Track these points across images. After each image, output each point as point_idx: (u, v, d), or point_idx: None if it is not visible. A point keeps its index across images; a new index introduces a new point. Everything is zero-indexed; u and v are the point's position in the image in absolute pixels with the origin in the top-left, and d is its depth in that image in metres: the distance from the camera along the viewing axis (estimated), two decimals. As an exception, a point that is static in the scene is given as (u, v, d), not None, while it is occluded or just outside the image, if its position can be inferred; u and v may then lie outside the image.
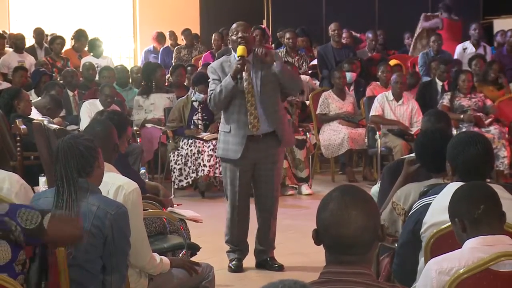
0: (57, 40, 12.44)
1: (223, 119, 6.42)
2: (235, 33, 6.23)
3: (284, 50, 11.92)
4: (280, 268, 6.42)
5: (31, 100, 8.75)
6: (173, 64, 13.05)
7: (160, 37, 14.48)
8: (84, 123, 9.05)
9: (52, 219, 3.28)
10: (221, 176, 9.29)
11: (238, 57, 6.14)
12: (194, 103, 9.44)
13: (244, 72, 6.21)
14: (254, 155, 6.31)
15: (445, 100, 9.76)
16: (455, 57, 12.38)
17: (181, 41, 14.03)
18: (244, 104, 6.21)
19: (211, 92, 6.28)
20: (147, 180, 6.36)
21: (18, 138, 7.78)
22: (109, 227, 3.73)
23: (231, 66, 6.23)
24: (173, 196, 6.58)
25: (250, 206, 6.52)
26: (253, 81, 6.23)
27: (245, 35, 6.20)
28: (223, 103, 6.26)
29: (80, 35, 12.83)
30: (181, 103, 9.58)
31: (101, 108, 9.09)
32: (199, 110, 9.44)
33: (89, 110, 9.38)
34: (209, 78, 6.42)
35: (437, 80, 10.62)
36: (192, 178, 9.29)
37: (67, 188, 3.73)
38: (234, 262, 6.48)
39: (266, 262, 6.48)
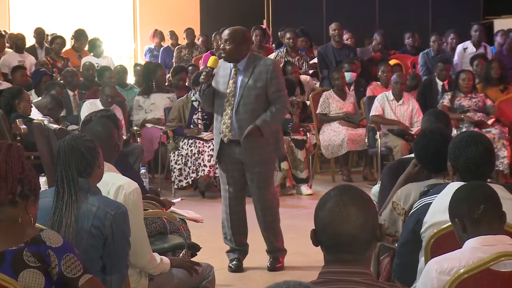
0: (57, 40, 12.44)
1: None
2: (222, 41, 6.28)
3: (285, 50, 11.92)
4: (273, 269, 6.40)
5: (31, 100, 8.76)
6: (174, 63, 13.07)
7: (156, 34, 14.47)
8: (84, 123, 9.04)
9: (89, 282, 3.27)
10: (221, 176, 9.36)
11: (208, 66, 6.21)
12: (194, 102, 9.44)
13: (230, 80, 6.23)
14: (239, 155, 6.30)
15: (446, 100, 9.76)
16: (456, 57, 12.38)
17: (182, 40, 14.02)
18: (221, 112, 6.26)
19: None
20: (147, 180, 6.36)
21: (18, 138, 7.78)
22: (109, 227, 3.72)
23: (225, 70, 6.27)
24: (179, 199, 6.57)
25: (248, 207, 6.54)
26: (236, 89, 6.22)
27: (227, 47, 6.16)
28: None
29: (79, 35, 12.83)
30: (180, 103, 9.57)
31: (101, 108, 9.09)
32: (199, 110, 9.44)
33: (89, 110, 9.35)
34: None
35: (437, 80, 10.62)
36: (192, 178, 9.29)
37: (67, 189, 3.73)
38: (234, 262, 6.48)
39: (269, 262, 6.49)
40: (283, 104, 6.25)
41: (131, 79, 12.22)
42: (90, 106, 9.51)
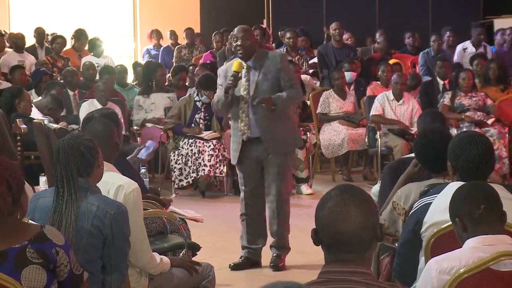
0: (58, 40, 12.44)
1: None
2: (235, 39, 6.29)
3: (285, 50, 11.91)
4: (275, 268, 6.40)
5: (31, 100, 8.77)
6: (174, 63, 13.07)
7: (153, 34, 14.46)
8: (84, 123, 9.03)
9: (87, 279, 3.33)
10: (221, 176, 9.35)
11: (233, 71, 6.21)
12: (197, 103, 9.44)
13: (243, 78, 6.27)
14: (257, 154, 6.35)
15: (446, 99, 9.75)
16: (455, 57, 12.37)
17: (182, 40, 14.02)
18: (238, 111, 6.30)
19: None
20: (147, 179, 6.36)
21: (19, 137, 7.78)
22: (108, 227, 3.72)
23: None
24: (173, 195, 6.57)
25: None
26: (249, 86, 6.26)
27: (244, 43, 6.22)
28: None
29: (80, 35, 12.82)
30: (183, 101, 9.57)
31: (99, 107, 9.09)
32: (202, 110, 9.44)
33: (88, 110, 9.35)
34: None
35: (438, 80, 10.62)
36: (193, 178, 9.29)
37: (67, 188, 3.72)
38: (236, 261, 6.48)
39: (272, 259, 6.48)
40: (297, 92, 6.37)
41: (131, 78, 12.23)
42: (89, 107, 9.51)
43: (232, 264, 6.46)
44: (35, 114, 8.50)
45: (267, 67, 6.26)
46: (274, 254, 6.50)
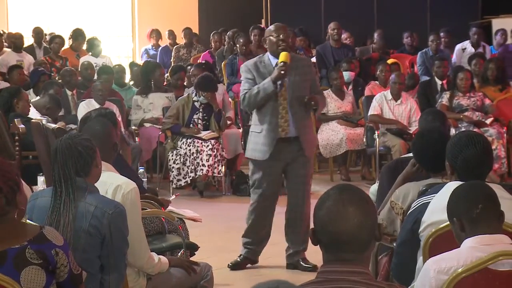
0: (56, 40, 12.44)
1: (255, 120, 6.40)
2: (275, 35, 6.23)
3: (283, 50, 11.91)
4: (314, 268, 6.24)
5: (29, 100, 8.77)
6: (172, 63, 13.07)
7: (153, 34, 14.46)
8: (82, 123, 9.01)
9: (85, 279, 3.35)
10: (219, 175, 9.33)
11: (280, 62, 6.14)
12: (195, 103, 9.43)
13: None
14: (286, 156, 6.30)
15: (444, 99, 9.76)
16: (454, 57, 12.38)
17: (180, 40, 14.02)
18: (277, 107, 6.21)
19: (245, 91, 6.27)
20: (145, 179, 6.36)
21: (17, 137, 7.78)
22: (107, 227, 3.72)
23: (266, 67, 6.26)
24: (173, 196, 6.56)
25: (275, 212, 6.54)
26: (287, 84, 6.24)
27: (287, 39, 6.26)
28: (258, 104, 6.27)
29: (77, 35, 12.81)
30: (181, 101, 9.55)
31: (97, 106, 9.09)
32: (200, 110, 9.43)
33: (86, 109, 9.33)
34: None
35: (436, 80, 10.63)
36: (191, 178, 9.28)
37: (64, 188, 3.72)
38: (235, 259, 6.47)
39: (298, 263, 6.42)
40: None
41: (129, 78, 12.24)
42: (87, 106, 9.50)
43: (230, 264, 6.46)
44: (33, 114, 8.50)
45: (302, 68, 6.29)
46: (300, 260, 6.41)
